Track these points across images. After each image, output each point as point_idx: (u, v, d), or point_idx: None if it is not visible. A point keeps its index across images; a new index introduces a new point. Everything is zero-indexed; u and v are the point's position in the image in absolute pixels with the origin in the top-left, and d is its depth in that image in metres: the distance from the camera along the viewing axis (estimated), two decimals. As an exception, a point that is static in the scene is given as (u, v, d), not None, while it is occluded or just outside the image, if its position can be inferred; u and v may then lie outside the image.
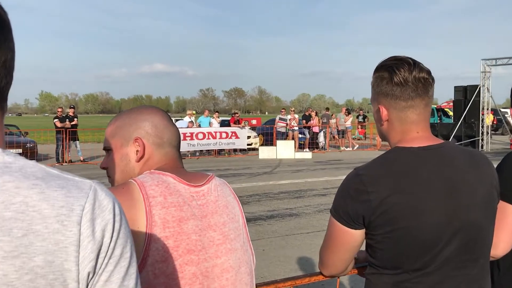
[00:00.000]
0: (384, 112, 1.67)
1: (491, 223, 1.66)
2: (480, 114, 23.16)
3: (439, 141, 1.63)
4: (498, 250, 1.91)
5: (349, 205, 1.56)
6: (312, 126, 23.48)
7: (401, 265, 1.55)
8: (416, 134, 1.62)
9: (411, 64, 1.60)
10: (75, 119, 18.94)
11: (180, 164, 1.57)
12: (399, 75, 1.59)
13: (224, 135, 20.97)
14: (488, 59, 23.59)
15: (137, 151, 1.52)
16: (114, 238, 0.87)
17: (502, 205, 1.87)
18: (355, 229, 1.58)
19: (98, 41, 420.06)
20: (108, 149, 1.57)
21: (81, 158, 18.98)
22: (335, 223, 1.62)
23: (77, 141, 18.97)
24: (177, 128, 1.61)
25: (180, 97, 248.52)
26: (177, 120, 21.77)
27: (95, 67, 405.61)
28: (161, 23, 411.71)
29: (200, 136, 20.39)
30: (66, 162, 18.47)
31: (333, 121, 25.07)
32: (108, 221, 0.86)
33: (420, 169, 1.55)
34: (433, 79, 1.63)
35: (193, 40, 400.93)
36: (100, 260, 0.85)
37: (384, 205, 1.50)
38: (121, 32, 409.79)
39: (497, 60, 23.46)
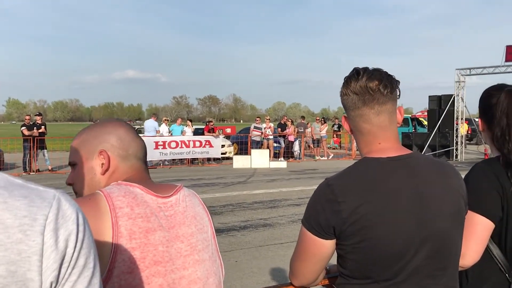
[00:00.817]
0: (345, 123, 1.75)
1: (460, 233, 1.70)
2: (455, 124, 23.62)
3: (408, 151, 1.67)
4: (466, 259, 1.97)
5: (320, 215, 1.58)
6: (288, 135, 23.60)
7: (371, 275, 1.58)
8: (379, 145, 1.66)
9: (360, 73, 1.64)
10: (43, 127, 18.67)
11: (147, 176, 1.59)
12: (348, 86, 1.66)
13: (197, 143, 20.91)
14: (463, 69, 24.10)
15: (102, 164, 1.53)
16: (77, 248, 0.88)
17: (470, 215, 1.92)
18: (326, 239, 1.60)
19: (68, 46, 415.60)
20: (73, 164, 1.58)
21: (49, 167, 18.70)
22: (306, 234, 1.65)
23: (45, 150, 18.69)
24: (142, 141, 1.63)
25: (153, 104, 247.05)
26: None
27: (65, 73, 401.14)
28: (134, 28, 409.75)
29: (173, 144, 20.29)
30: (33, 172, 18.17)
31: (308, 130, 25.25)
32: (71, 231, 0.87)
33: (388, 179, 1.59)
34: (388, 87, 1.63)
35: (167, 46, 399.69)
36: (63, 270, 0.85)
37: (354, 215, 1.53)
38: (92, 37, 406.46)
39: (471, 70, 23.99)
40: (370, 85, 1.61)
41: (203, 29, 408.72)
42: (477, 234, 1.99)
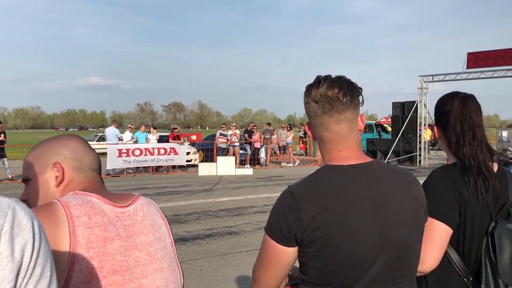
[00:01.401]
0: (308, 130, 1.79)
1: (419, 239, 1.74)
2: (418, 130, 24.11)
3: (368, 159, 1.71)
4: (425, 265, 2.02)
5: (282, 223, 1.60)
6: (254, 142, 23.64)
7: (332, 282, 1.60)
8: (340, 153, 1.69)
9: (321, 81, 1.67)
10: (2, 134, 18.22)
11: (103, 186, 1.60)
12: (309, 94, 1.70)
13: (162, 151, 20.74)
14: (425, 76, 24.65)
15: (56, 176, 1.53)
16: (34, 258, 0.87)
17: (429, 221, 1.97)
18: (289, 246, 1.62)
19: (29, 52, 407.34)
20: (27, 180, 1.58)
21: (9, 176, 18.25)
22: (269, 241, 1.66)
23: (5, 158, 18.24)
24: (96, 153, 1.65)
25: (116, 111, 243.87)
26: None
27: (26, 80, 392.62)
28: (97, 34, 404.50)
29: (137, 152, 20.09)
30: (-9, 181, 17.71)
31: (274, 136, 25.35)
32: (27, 240, 0.87)
33: (349, 187, 1.62)
34: (348, 95, 1.65)
35: (131, 52, 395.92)
36: (19, 280, 0.85)
37: (315, 222, 1.55)
38: (54, 42, 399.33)
39: (434, 77, 24.55)
40: (329, 93, 1.64)
41: (167, 35, 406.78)
42: (436, 240, 2.05)
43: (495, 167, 2.21)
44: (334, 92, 1.64)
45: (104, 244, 1.36)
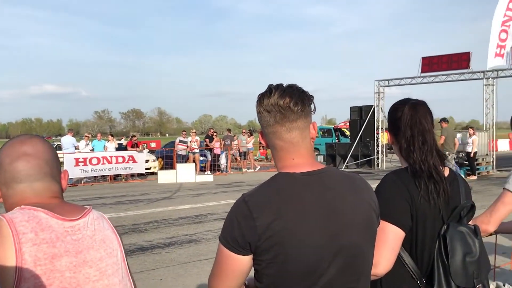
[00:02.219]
0: (261, 139, 1.80)
1: (371, 245, 1.77)
2: (375, 134, 24.55)
3: (320, 166, 1.73)
4: (379, 268, 2.04)
5: (236, 231, 1.60)
6: (214, 148, 23.57)
7: None
8: (293, 161, 1.71)
9: (272, 91, 1.69)
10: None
11: (54, 197, 1.53)
12: (261, 104, 1.72)
13: (120, 159, 20.48)
14: (382, 80, 25.13)
15: None
16: None
17: (382, 224, 2.00)
18: (243, 255, 1.62)
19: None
20: None
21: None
22: (224, 250, 1.65)
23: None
24: (36, 160, 1.53)
25: (73, 119, 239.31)
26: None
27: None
28: (52, 41, 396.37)
29: (94, 161, 19.77)
30: None
31: (235, 142, 25.36)
32: None
33: (302, 194, 1.63)
34: (299, 105, 1.67)
35: (88, 59, 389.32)
36: None
37: (268, 231, 1.56)
38: (8, 50, 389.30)
39: (390, 81, 25.05)
40: (281, 103, 1.66)
41: (124, 41, 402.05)
42: (389, 243, 2.08)
43: (446, 171, 2.26)
44: (285, 102, 1.66)
45: (52, 261, 1.33)
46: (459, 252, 2.09)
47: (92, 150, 21.32)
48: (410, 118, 2.25)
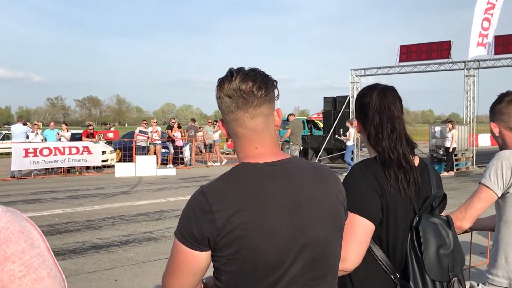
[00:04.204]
0: (222, 127, 1.80)
1: (338, 239, 1.78)
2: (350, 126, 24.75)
3: (286, 156, 1.73)
4: (347, 263, 2.06)
5: (193, 225, 1.59)
6: (175, 139, 23.41)
7: (245, 287, 1.61)
8: (256, 150, 1.71)
9: (233, 74, 1.69)
10: None
11: None
12: (221, 89, 1.71)
13: (74, 150, 20.21)
14: (357, 69, 25.38)
15: None
16: None
17: (350, 217, 2.02)
18: (201, 251, 1.61)
19: None
20: None
21: None
22: (179, 246, 1.64)
23: None
24: None
25: (24, 107, 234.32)
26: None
27: None
28: (1, 21, 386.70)
29: (46, 152, 19.46)
30: None
31: (200, 133, 25.26)
32: None
33: (264, 186, 1.63)
34: (263, 89, 1.68)
35: (40, 41, 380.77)
36: None
37: (228, 225, 1.56)
38: None
39: (366, 70, 25.31)
40: (243, 87, 1.65)
41: (80, 23, 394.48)
42: (357, 236, 2.10)
43: (416, 160, 2.29)
44: (248, 86, 1.66)
45: None
46: (432, 244, 2.12)
47: (44, 140, 20.96)
48: (378, 104, 2.27)
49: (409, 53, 23.16)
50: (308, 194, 1.68)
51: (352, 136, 20.82)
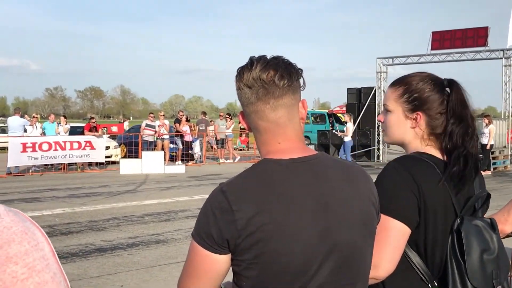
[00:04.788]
0: (242, 121, 1.79)
1: (369, 244, 1.77)
2: (376, 120, 24.64)
3: (312, 152, 1.72)
4: (379, 270, 2.05)
5: (212, 226, 1.60)
6: (184, 134, 23.47)
7: None
8: (279, 145, 1.70)
9: (254, 63, 1.68)
10: None
11: None
12: (241, 79, 1.70)
13: (76, 145, 20.36)
14: (384, 58, 25.27)
15: None
16: None
17: (383, 220, 2.00)
18: (220, 254, 1.61)
19: None
20: None
21: None
22: (197, 248, 1.65)
23: None
24: None
25: (20, 97, 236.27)
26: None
27: None
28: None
29: (45, 146, 19.62)
30: None
31: (211, 128, 25.31)
32: None
33: (289, 184, 1.63)
34: (285, 78, 1.67)
35: (39, 27, 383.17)
36: None
37: (250, 226, 1.55)
38: None
39: (394, 59, 25.19)
40: (264, 76, 1.65)
41: (82, 10, 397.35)
42: (391, 241, 2.08)
43: None
44: (269, 75, 1.65)
45: None
46: (475, 249, 2.09)
47: (43, 134, 21.13)
48: None
49: (442, 40, 23.00)
50: (336, 194, 1.67)
51: (350, 131, 20.80)
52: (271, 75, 1.65)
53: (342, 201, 1.67)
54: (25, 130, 20.61)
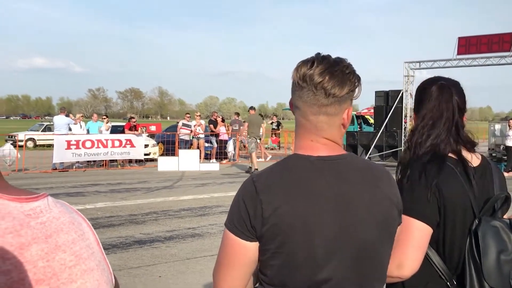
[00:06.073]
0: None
1: (388, 245, 1.76)
2: (403, 122, 24.39)
3: (340, 151, 1.72)
4: (405, 269, 2.04)
5: (242, 213, 1.64)
6: (219, 134, 23.57)
7: (289, 283, 1.63)
8: (310, 143, 1.71)
9: (314, 62, 1.66)
10: None
11: None
12: (297, 71, 1.69)
13: (117, 143, 20.55)
14: (412, 62, 24.94)
15: None
16: None
17: (406, 220, 2.01)
18: (249, 240, 1.64)
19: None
20: None
21: None
22: (228, 235, 1.69)
23: None
24: None
25: (65, 98, 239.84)
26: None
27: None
28: (41, 10, 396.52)
29: (88, 144, 19.85)
30: None
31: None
32: None
33: (314, 180, 1.64)
34: (336, 88, 1.64)
35: (82, 31, 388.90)
36: None
37: (274, 216, 1.59)
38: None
39: (421, 63, 24.86)
40: (316, 79, 1.63)
41: (123, 13, 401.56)
42: (414, 241, 2.07)
43: (478, 159, 2.25)
44: (322, 81, 1.63)
45: (21, 252, 1.28)
46: (492, 250, 2.07)
47: (87, 132, 21.40)
48: (432, 99, 2.27)
49: (468, 45, 22.64)
50: (358, 195, 1.66)
51: None
52: (325, 81, 1.62)
53: (363, 202, 1.67)
54: (70, 129, 20.87)
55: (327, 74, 1.63)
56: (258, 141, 20.68)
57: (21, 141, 22.98)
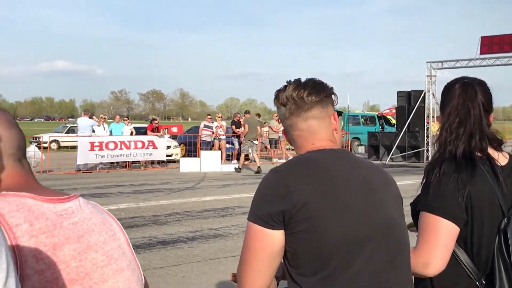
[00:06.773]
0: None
1: (405, 224, 1.89)
2: (425, 122, 24.21)
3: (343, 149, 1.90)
4: (431, 268, 2.04)
5: (267, 202, 1.68)
6: (241, 135, 23.57)
7: (322, 267, 1.65)
8: (314, 145, 1.85)
9: (287, 85, 1.88)
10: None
11: (30, 177, 1.45)
12: (277, 99, 1.91)
13: (139, 144, 20.70)
14: (434, 62, 24.77)
15: None
16: None
17: (433, 219, 2.01)
18: (274, 229, 1.67)
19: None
20: None
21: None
22: (253, 227, 1.71)
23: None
24: (17, 131, 1.46)
25: (88, 100, 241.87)
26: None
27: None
28: (64, 14, 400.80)
29: (111, 145, 20.03)
30: None
31: (265, 129, 25.33)
32: None
33: (336, 165, 1.77)
34: (313, 95, 1.83)
35: (104, 34, 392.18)
36: None
37: (302, 199, 1.64)
38: (14, 24, 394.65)
39: (444, 63, 24.66)
40: (294, 94, 1.84)
41: (144, 16, 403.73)
42: (441, 240, 2.06)
43: (505, 158, 2.23)
44: (299, 93, 1.83)
45: (55, 252, 1.29)
46: None
47: (110, 134, 21.57)
48: (455, 99, 2.25)
49: (491, 45, 22.40)
50: (374, 177, 1.83)
51: None
52: (301, 93, 1.83)
53: (380, 183, 1.83)
54: (93, 131, 21.05)
55: (301, 87, 1.85)
56: (254, 144, 20.99)
57: (45, 142, 23.20)
